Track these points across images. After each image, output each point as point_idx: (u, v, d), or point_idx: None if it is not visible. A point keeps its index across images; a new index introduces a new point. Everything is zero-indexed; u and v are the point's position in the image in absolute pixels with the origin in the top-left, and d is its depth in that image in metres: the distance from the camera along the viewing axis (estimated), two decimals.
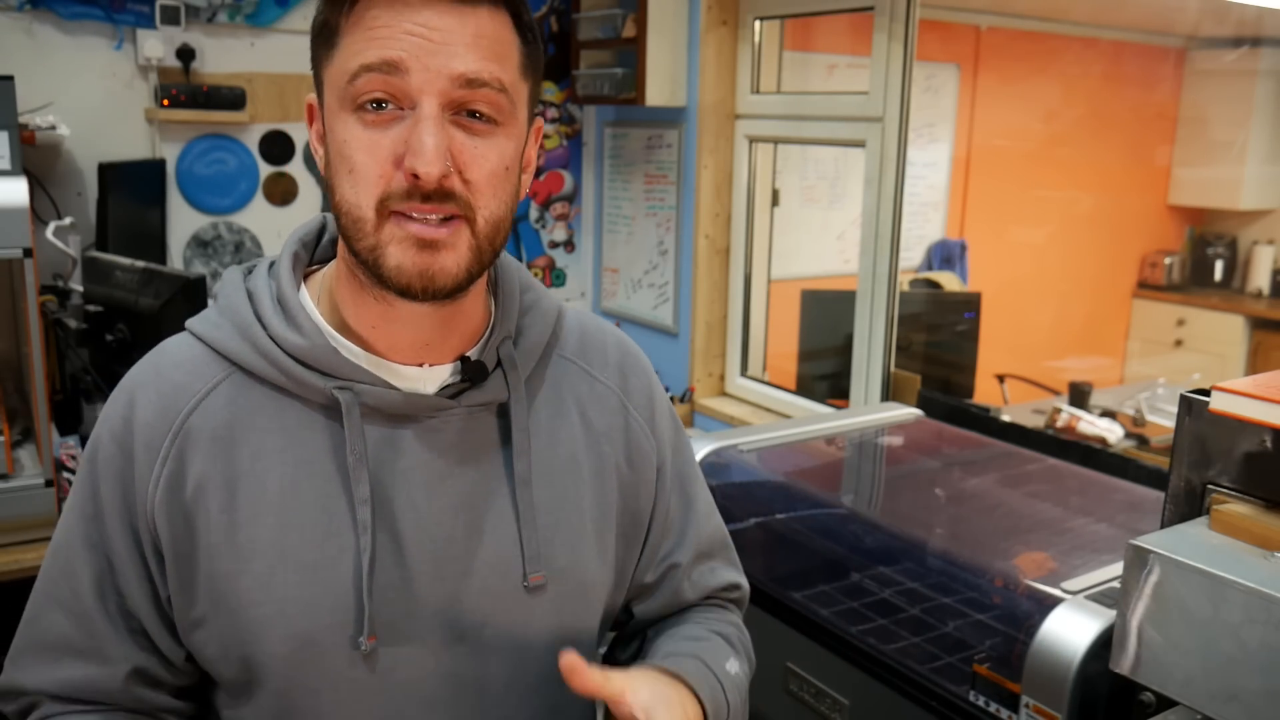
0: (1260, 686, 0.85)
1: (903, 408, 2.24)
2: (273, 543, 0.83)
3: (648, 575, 1.01)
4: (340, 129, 0.78)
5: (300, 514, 0.83)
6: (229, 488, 0.83)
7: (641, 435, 0.98)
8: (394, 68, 0.75)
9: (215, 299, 0.90)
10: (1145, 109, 4.46)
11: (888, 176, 2.50)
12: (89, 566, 0.86)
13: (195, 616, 0.84)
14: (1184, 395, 1.01)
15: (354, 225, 0.78)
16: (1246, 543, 0.93)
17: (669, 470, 1.01)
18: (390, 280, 0.78)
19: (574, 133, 3.43)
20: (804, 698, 1.54)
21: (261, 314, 0.85)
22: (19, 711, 0.89)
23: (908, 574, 1.86)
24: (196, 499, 0.83)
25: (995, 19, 3.97)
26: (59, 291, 2.48)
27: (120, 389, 0.88)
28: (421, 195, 0.76)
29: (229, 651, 0.84)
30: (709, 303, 3.06)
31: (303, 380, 0.84)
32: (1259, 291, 4.36)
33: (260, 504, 0.83)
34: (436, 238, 0.78)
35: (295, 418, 0.85)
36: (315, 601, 0.83)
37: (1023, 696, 1.18)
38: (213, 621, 0.84)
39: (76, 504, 0.87)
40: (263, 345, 0.84)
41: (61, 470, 2.06)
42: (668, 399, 1.04)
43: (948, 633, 1.64)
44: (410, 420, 0.86)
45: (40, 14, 2.58)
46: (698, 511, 1.04)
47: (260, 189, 2.95)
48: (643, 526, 0.99)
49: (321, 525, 0.83)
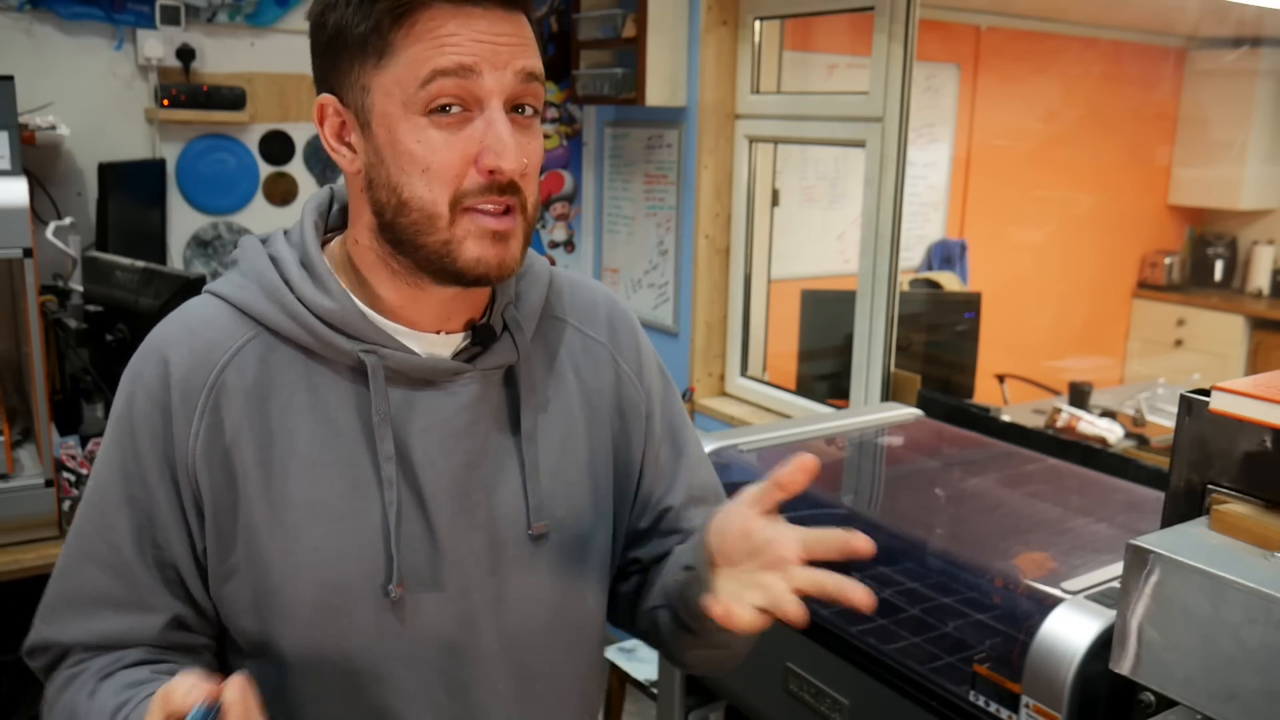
0: (1260, 686, 0.85)
1: (903, 408, 2.24)
2: (303, 496, 0.87)
3: (641, 521, 1.05)
4: (410, 131, 0.83)
5: (328, 470, 0.88)
6: (262, 442, 0.87)
7: (630, 386, 1.03)
8: (469, 71, 0.81)
9: (236, 264, 0.94)
10: (1145, 109, 4.46)
11: (888, 176, 2.50)
12: (129, 521, 0.89)
13: (229, 566, 0.88)
14: (1184, 395, 1.01)
15: (427, 221, 0.84)
16: (1246, 543, 0.93)
17: (658, 419, 1.06)
18: (467, 271, 0.85)
19: (574, 133, 3.43)
20: (804, 698, 1.54)
21: (289, 277, 0.90)
22: (49, 664, 0.92)
23: (908, 574, 1.86)
24: (233, 451, 0.87)
25: (995, 19, 3.97)
26: (59, 291, 2.48)
27: (149, 348, 0.90)
28: (498, 189, 0.83)
29: (259, 600, 0.88)
30: (709, 303, 3.06)
31: (330, 342, 0.88)
32: (1259, 291, 4.36)
33: (290, 459, 0.87)
34: (507, 229, 0.85)
35: (320, 378, 0.89)
36: (345, 551, 0.88)
37: (1023, 696, 1.18)
38: (245, 571, 0.88)
39: (112, 461, 0.90)
40: (291, 307, 0.88)
41: (61, 470, 2.06)
42: (654, 351, 1.09)
43: (948, 633, 1.64)
44: (429, 384, 0.91)
45: (40, 14, 2.58)
46: (689, 458, 1.08)
47: (260, 189, 2.95)
48: (634, 475, 1.04)
49: (350, 480, 0.88)
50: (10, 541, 2.02)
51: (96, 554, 0.90)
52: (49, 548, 2.04)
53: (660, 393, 1.07)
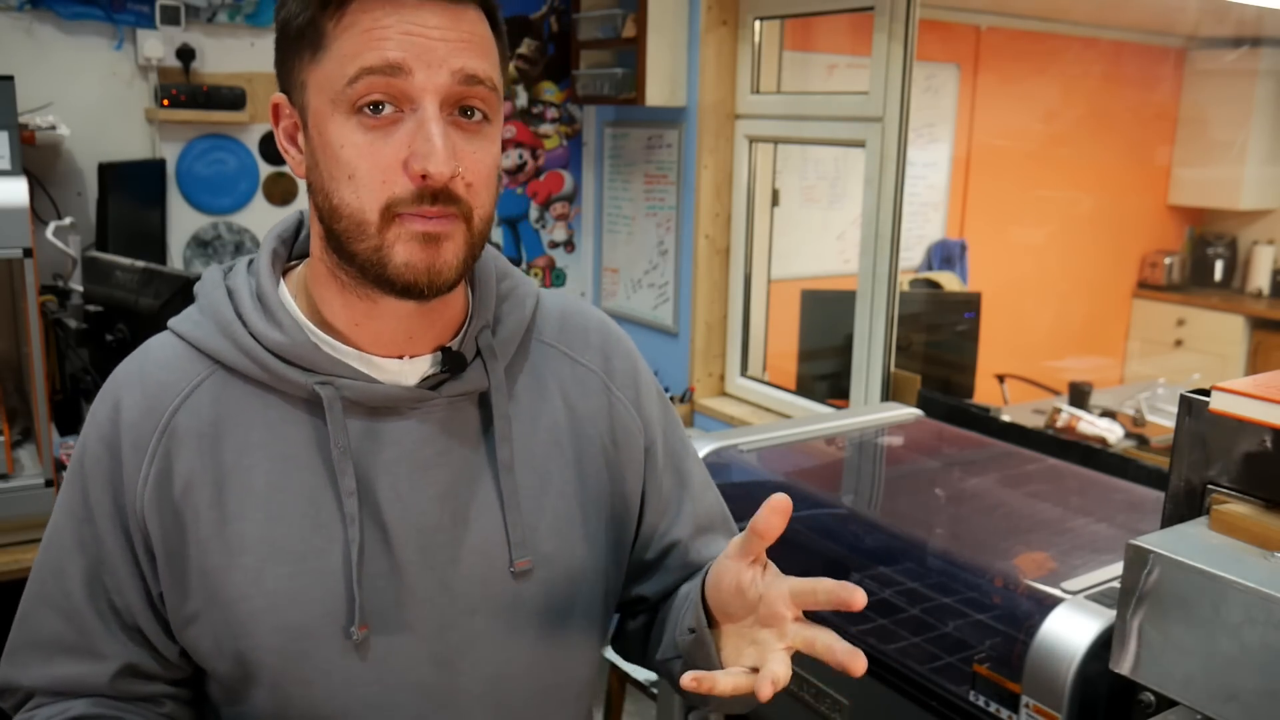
0: (1260, 686, 0.85)
1: (903, 408, 2.24)
2: (261, 537, 0.83)
3: (647, 554, 1.01)
4: (336, 132, 0.78)
5: (287, 507, 0.84)
6: (216, 483, 0.84)
7: (626, 416, 0.98)
8: (396, 69, 0.75)
9: (196, 298, 0.91)
10: (1145, 109, 4.46)
11: (888, 176, 2.50)
12: (80, 566, 0.87)
13: (188, 613, 0.85)
14: (1184, 395, 1.01)
15: (356, 229, 0.79)
16: (1246, 542, 0.93)
17: (659, 449, 1.01)
18: (396, 277, 0.79)
19: (574, 133, 3.43)
20: (804, 698, 1.54)
21: (242, 311, 0.86)
22: (15, 706, 0.91)
23: (908, 574, 1.86)
24: (185, 495, 0.84)
25: (995, 19, 3.97)
26: (59, 291, 2.48)
27: (105, 391, 0.88)
28: (430, 196, 0.77)
29: (222, 646, 0.85)
30: (709, 303, 3.06)
31: (284, 376, 0.84)
32: (1259, 291, 4.36)
33: (247, 499, 0.84)
34: (440, 231, 0.79)
35: (278, 413, 0.85)
36: (305, 593, 0.84)
37: (1023, 696, 1.18)
38: (205, 617, 0.84)
39: (66, 505, 0.89)
40: (244, 343, 0.85)
41: (61, 470, 2.06)
42: (654, 379, 1.05)
43: (948, 633, 1.64)
44: (392, 413, 0.86)
45: (40, 14, 2.58)
46: (693, 487, 1.03)
47: (260, 189, 2.95)
48: (634, 507, 0.99)
49: (309, 518, 0.84)
50: (10, 541, 2.02)
51: (50, 598, 0.88)
52: None
53: (661, 422, 1.02)
